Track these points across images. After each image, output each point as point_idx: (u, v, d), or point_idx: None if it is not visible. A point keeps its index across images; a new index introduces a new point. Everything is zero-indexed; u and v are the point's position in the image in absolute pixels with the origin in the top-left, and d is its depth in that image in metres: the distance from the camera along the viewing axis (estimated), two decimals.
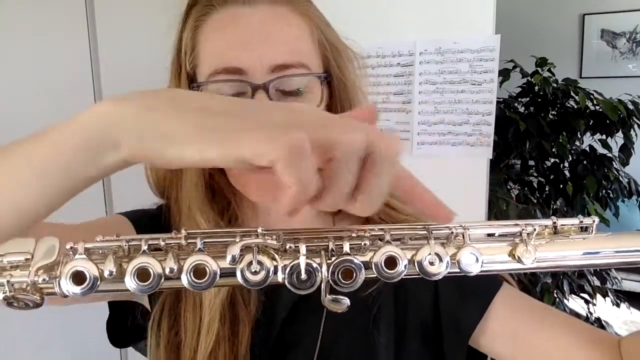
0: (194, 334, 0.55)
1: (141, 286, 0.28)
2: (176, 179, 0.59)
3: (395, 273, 0.30)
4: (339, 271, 0.29)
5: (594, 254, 0.32)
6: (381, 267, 0.30)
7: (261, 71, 0.51)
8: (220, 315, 0.55)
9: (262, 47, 0.51)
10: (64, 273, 0.28)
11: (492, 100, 1.31)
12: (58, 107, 1.52)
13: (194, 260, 0.29)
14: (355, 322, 0.58)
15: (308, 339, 0.58)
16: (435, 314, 0.60)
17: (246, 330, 0.56)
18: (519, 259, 0.31)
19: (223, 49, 0.52)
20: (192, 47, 0.55)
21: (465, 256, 0.30)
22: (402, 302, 0.61)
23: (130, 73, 1.46)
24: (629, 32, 3.06)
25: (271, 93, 0.51)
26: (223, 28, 0.53)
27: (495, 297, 0.59)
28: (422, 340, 0.61)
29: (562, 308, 2.05)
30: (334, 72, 0.58)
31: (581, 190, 2.01)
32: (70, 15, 1.51)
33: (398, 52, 1.38)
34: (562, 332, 0.57)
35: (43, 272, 0.28)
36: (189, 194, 0.57)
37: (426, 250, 0.30)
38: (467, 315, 0.59)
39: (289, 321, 0.58)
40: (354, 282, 0.29)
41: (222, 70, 0.51)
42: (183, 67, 0.56)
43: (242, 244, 0.29)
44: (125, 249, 0.29)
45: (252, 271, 0.29)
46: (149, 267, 0.28)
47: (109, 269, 0.28)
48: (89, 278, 0.28)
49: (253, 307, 0.57)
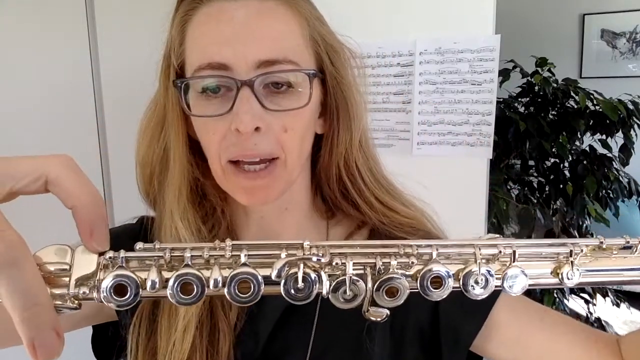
0: (169, 342, 0.54)
1: (183, 299, 0.28)
2: (160, 181, 0.58)
3: (442, 292, 0.29)
4: (384, 289, 0.29)
5: (635, 270, 0.32)
6: (427, 287, 0.29)
7: (246, 67, 0.49)
8: (197, 324, 0.53)
9: (247, 43, 0.50)
10: (105, 285, 0.27)
11: (492, 100, 1.31)
12: (58, 107, 1.52)
13: (239, 273, 0.28)
14: (347, 332, 0.57)
15: (297, 351, 0.56)
16: (434, 322, 0.59)
17: (226, 340, 0.54)
18: (561, 278, 0.31)
19: (208, 44, 0.51)
20: (180, 42, 0.54)
21: (511, 278, 0.30)
22: (402, 310, 0.59)
23: (130, 73, 1.46)
24: (629, 32, 3.06)
25: (257, 90, 0.50)
26: (209, 22, 0.52)
27: (496, 303, 0.58)
28: (421, 349, 0.59)
29: (562, 308, 2.05)
30: (328, 70, 0.56)
31: (581, 190, 2.01)
32: (70, 15, 1.51)
33: (398, 52, 1.38)
34: (560, 331, 0.58)
35: (82, 284, 0.27)
36: (172, 197, 0.55)
37: (474, 269, 0.29)
38: (467, 325, 0.58)
39: (276, 334, 0.56)
40: (397, 298, 0.29)
41: (206, 65, 0.50)
42: (172, 63, 0.55)
43: (288, 260, 0.28)
44: (167, 259, 0.29)
45: (297, 287, 0.28)
46: (192, 281, 0.28)
47: (152, 278, 0.28)
48: (130, 289, 0.27)
49: (234, 317, 0.55)
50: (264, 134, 0.50)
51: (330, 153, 0.60)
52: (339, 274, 0.29)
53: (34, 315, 0.25)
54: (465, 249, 0.30)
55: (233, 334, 0.55)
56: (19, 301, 0.25)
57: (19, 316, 0.25)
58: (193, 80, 0.51)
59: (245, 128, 0.48)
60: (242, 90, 0.49)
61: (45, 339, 0.25)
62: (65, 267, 0.27)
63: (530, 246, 0.31)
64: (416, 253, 0.30)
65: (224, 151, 0.51)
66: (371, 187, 0.61)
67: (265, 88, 0.51)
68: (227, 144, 0.51)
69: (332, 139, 0.59)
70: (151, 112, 0.58)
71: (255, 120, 0.49)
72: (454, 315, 0.58)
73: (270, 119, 0.51)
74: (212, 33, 0.51)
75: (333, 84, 0.57)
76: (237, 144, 0.50)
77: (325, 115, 0.59)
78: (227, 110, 0.50)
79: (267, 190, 0.53)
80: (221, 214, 0.59)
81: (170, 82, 0.55)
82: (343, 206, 0.62)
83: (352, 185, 0.60)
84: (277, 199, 0.54)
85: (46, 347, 0.25)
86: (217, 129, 0.51)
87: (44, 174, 0.28)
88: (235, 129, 0.49)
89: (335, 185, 0.61)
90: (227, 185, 0.54)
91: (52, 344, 0.25)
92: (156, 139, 0.57)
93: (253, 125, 0.49)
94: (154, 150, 0.57)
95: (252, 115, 0.49)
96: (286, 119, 0.52)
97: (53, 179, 0.28)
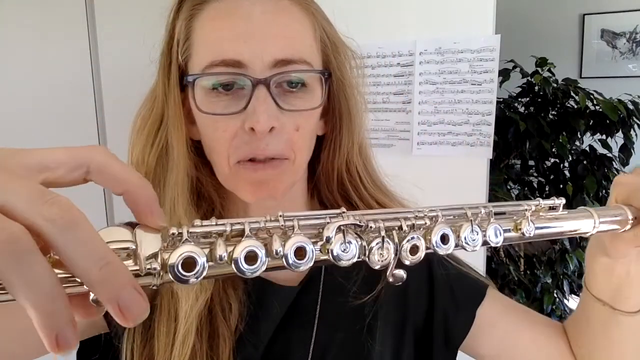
0: (167, 347, 0.52)
1: (249, 269, 0.29)
2: (160, 178, 0.56)
3: (449, 247, 0.35)
4: (408, 248, 0.33)
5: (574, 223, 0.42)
6: (437, 244, 0.34)
7: (262, 65, 0.48)
8: (197, 328, 0.52)
9: (264, 41, 0.49)
10: (174, 259, 0.27)
11: (492, 100, 1.31)
12: (58, 107, 1.52)
13: (295, 242, 0.30)
14: (347, 332, 0.57)
15: (298, 352, 0.56)
16: (428, 320, 0.61)
17: (226, 345, 0.53)
18: (522, 231, 0.38)
19: (223, 40, 0.49)
20: (186, 37, 0.52)
21: (491, 230, 0.36)
22: (400, 310, 0.60)
23: (130, 73, 1.46)
24: (629, 32, 3.06)
25: (271, 89, 0.49)
26: (223, 17, 0.50)
27: (482, 304, 0.61)
28: (415, 346, 0.61)
29: (562, 308, 2.05)
30: (333, 72, 0.56)
31: (581, 190, 2.01)
32: (70, 15, 1.51)
33: (398, 52, 1.38)
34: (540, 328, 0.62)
35: (153, 260, 0.27)
36: (174, 194, 0.54)
37: (466, 227, 0.35)
38: (457, 325, 0.60)
39: (277, 336, 0.56)
40: (417, 256, 0.34)
41: (220, 62, 0.48)
42: (174, 59, 0.53)
43: (337, 224, 0.32)
44: (228, 232, 0.30)
45: (343, 249, 0.31)
46: (256, 250, 0.29)
47: (219, 253, 0.28)
48: (199, 263, 0.28)
49: (234, 320, 0.54)
50: (276, 134, 0.50)
51: (332, 156, 0.59)
52: (373, 238, 0.33)
53: (110, 273, 0.23)
54: (457, 211, 0.37)
55: (233, 339, 0.54)
56: (91, 259, 0.23)
57: (94, 276, 0.23)
58: (204, 77, 0.50)
59: (262, 128, 0.48)
60: (257, 89, 0.48)
61: (128, 298, 0.24)
62: (129, 245, 0.27)
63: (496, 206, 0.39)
64: (428, 214, 0.35)
65: (235, 150, 0.50)
66: (370, 189, 0.61)
67: (278, 87, 0.50)
68: (238, 143, 0.50)
69: (333, 142, 0.59)
70: (147, 111, 0.57)
71: (272, 120, 0.48)
72: (447, 311, 0.60)
73: (284, 119, 0.50)
74: (226, 29, 0.49)
75: (338, 85, 0.57)
76: (250, 142, 0.49)
77: (327, 116, 0.59)
78: (240, 108, 0.49)
79: (274, 184, 0.52)
80: (221, 213, 0.58)
81: (173, 79, 0.53)
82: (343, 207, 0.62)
83: (353, 189, 0.60)
84: (281, 196, 0.53)
85: (132, 306, 0.24)
86: (228, 127, 0.50)
87: (85, 162, 0.27)
88: (249, 128, 0.48)
89: (335, 187, 0.61)
90: (233, 182, 0.53)
91: (140, 303, 0.24)
92: (152, 137, 0.55)
93: (269, 125, 0.48)
94: (150, 149, 0.56)
95: (268, 115, 0.48)
96: (299, 119, 0.51)
97: (99, 167, 0.27)
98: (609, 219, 0.43)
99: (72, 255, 0.23)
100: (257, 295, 0.56)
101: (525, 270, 2.09)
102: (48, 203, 0.23)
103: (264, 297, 0.56)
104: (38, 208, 0.23)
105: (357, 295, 0.58)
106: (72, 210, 0.24)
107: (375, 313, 0.58)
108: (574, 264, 2.02)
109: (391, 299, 0.59)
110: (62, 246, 0.23)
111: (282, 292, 0.57)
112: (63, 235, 0.23)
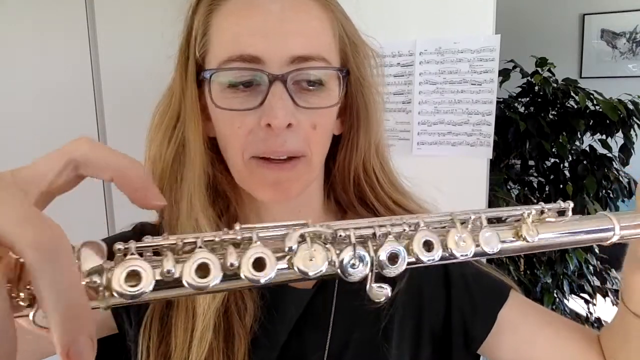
0: (185, 344, 0.52)
1: (199, 283, 0.26)
2: (177, 174, 0.55)
3: (434, 255, 0.31)
4: (387, 255, 0.30)
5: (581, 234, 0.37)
6: (420, 251, 0.31)
7: (279, 62, 0.48)
8: (214, 325, 0.51)
9: (282, 37, 0.48)
10: (117, 275, 0.25)
11: (492, 100, 1.31)
12: (58, 107, 1.52)
13: (254, 254, 0.27)
14: (363, 335, 0.56)
15: (313, 355, 0.55)
16: (446, 323, 0.59)
17: (242, 345, 0.52)
18: (524, 238, 0.34)
19: (240, 35, 0.49)
20: (204, 32, 0.51)
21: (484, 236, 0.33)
22: (416, 313, 0.59)
23: (130, 73, 1.46)
24: (629, 32, 3.06)
25: (288, 85, 0.48)
26: (241, 13, 0.49)
27: (504, 306, 0.58)
28: (433, 349, 0.59)
29: (562, 308, 2.05)
30: (352, 70, 0.55)
31: (581, 190, 2.01)
32: (70, 15, 1.51)
33: (398, 52, 1.38)
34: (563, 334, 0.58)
35: (94, 275, 0.25)
36: (191, 190, 0.53)
37: (453, 233, 0.32)
38: (477, 327, 0.58)
39: (292, 338, 0.55)
40: (399, 265, 0.30)
41: (237, 57, 0.48)
42: (191, 55, 0.52)
43: (299, 233, 0.29)
44: (180, 246, 0.28)
45: (308, 261, 0.29)
46: (209, 262, 0.27)
47: (168, 267, 0.26)
48: (144, 278, 0.26)
49: (249, 320, 0.54)
50: (293, 131, 0.49)
51: (348, 156, 0.59)
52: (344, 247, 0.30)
53: (74, 320, 0.22)
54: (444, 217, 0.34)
55: (249, 339, 0.53)
56: (61, 301, 0.22)
57: (59, 317, 0.22)
58: (221, 72, 0.49)
59: (279, 124, 0.47)
60: (274, 85, 0.48)
61: (83, 344, 0.22)
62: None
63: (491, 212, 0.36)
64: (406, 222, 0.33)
65: (250, 146, 0.50)
66: (387, 190, 0.60)
67: (295, 84, 0.49)
68: (254, 139, 0.49)
69: (350, 142, 0.58)
70: (165, 106, 0.56)
71: (288, 117, 0.48)
72: (467, 315, 0.58)
73: (301, 117, 0.49)
74: (244, 24, 0.49)
75: (356, 84, 0.56)
76: (266, 139, 0.49)
77: (344, 115, 0.58)
78: (257, 104, 0.48)
79: (291, 184, 0.51)
80: (236, 211, 0.57)
81: (191, 74, 0.52)
82: (356, 208, 0.61)
83: (370, 190, 0.59)
84: (297, 195, 0.53)
85: (84, 352, 0.22)
86: (244, 123, 0.49)
87: (70, 158, 0.27)
88: (266, 125, 0.48)
89: (351, 187, 0.60)
90: (248, 181, 0.52)
91: (90, 352, 0.23)
92: (170, 133, 0.55)
93: (286, 122, 0.48)
94: (167, 145, 0.55)
95: (285, 112, 0.47)
96: (315, 117, 0.51)
97: (84, 158, 0.27)
98: (631, 222, 0.38)
99: (44, 289, 0.22)
100: (271, 297, 0.56)
101: (525, 270, 2.09)
102: (33, 227, 0.22)
103: (278, 298, 0.56)
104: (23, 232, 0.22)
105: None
106: (54, 238, 0.22)
107: (391, 317, 0.57)
108: (574, 264, 2.01)
109: (407, 302, 0.58)
110: (38, 277, 0.22)
111: (297, 294, 0.56)
112: (40, 265, 0.22)
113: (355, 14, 0.57)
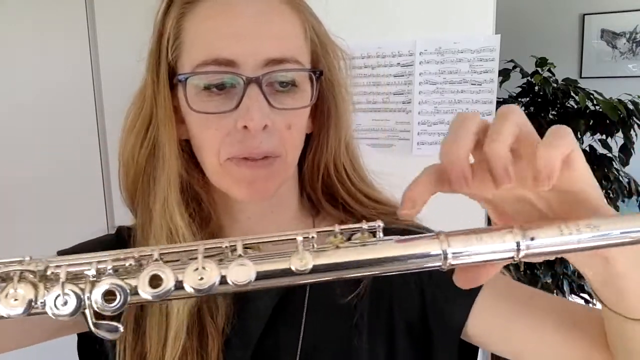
0: (159, 344, 0.53)
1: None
2: (150, 178, 0.56)
3: (162, 291, 0.28)
4: (103, 293, 0.27)
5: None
6: (147, 285, 0.28)
7: (254, 64, 0.49)
8: (188, 325, 0.52)
9: (256, 40, 0.49)
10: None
11: (492, 100, 1.31)
12: (58, 107, 1.52)
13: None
14: (336, 329, 0.57)
15: (287, 350, 0.56)
16: (422, 312, 0.57)
17: (215, 345, 0.53)
18: (295, 269, 0.29)
19: (214, 39, 0.49)
20: (176, 36, 0.52)
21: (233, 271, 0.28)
22: (387, 305, 0.58)
23: (130, 73, 1.46)
24: (629, 32, 3.06)
25: (263, 87, 0.49)
26: (215, 17, 0.50)
27: (483, 287, 0.55)
28: (410, 343, 0.58)
29: None
30: (322, 69, 0.56)
31: None
32: (70, 15, 1.51)
33: (398, 52, 1.38)
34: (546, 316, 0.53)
35: None
36: (165, 193, 0.53)
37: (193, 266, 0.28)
38: (456, 310, 0.56)
39: (265, 334, 0.56)
40: (118, 303, 0.27)
41: (212, 61, 0.49)
42: (163, 58, 0.53)
43: (1, 271, 0.27)
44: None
45: (12, 302, 0.27)
46: None
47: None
48: None
49: (221, 320, 0.54)
50: (269, 132, 0.50)
51: (319, 154, 0.60)
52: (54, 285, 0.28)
53: None
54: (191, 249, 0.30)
55: (221, 338, 0.54)
56: None
57: None
58: (196, 76, 0.50)
59: (255, 126, 0.48)
60: (249, 88, 0.48)
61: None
62: None
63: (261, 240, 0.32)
64: (138, 256, 0.29)
65: (226, 147, 0.51)
66: (358, 185, 0.61)
67: (269, 86, 0.50)
68: (231, 141, 0.50)
69: (321, 140, 0.59)
70: (136, 110, 0.57)
71: (264, 119, 0.49)
72: (443, 301, 0.56)
73: (275, 117, 0.50)
74: (218, 28, 0.50)
75: (327, 84, 0.57)
76: (243, 141, 0.50)
77: (315, 115, 0.59)
78: (233, 107, 0.49)
79: (267, 182, 0.52)
80: (207, 215, 0.58)
81: (163, 77, 0.53)
82: (324, 205, 0.62)
83: (341, 186, 0.60)
84: (272, 194, 0.54)
85: None
86: (220, 125, 0.50)
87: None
88: (242, 127, 0.49)
89: (319, 185, 0.61)
90: (225, 181, 0.53)
91: None
92: (142, 137, 0.56)
93: (262, 123, 0.49)
94: (139, 149, 0.56)
95: (261, 113, 0.48)
96: (290, 118, 0.52)
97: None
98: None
99: None
100: (243, 295, 0.56)
101: (525, 270, 2.09)
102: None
103: (249, 297, 0.56)
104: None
105: (343, 293, 0.57)
106: None
107: (362, 311, 0.57)
108: None
109: (377, 295, 0.58)
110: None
111: (269, 292, 0.56)
112: None
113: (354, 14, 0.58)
